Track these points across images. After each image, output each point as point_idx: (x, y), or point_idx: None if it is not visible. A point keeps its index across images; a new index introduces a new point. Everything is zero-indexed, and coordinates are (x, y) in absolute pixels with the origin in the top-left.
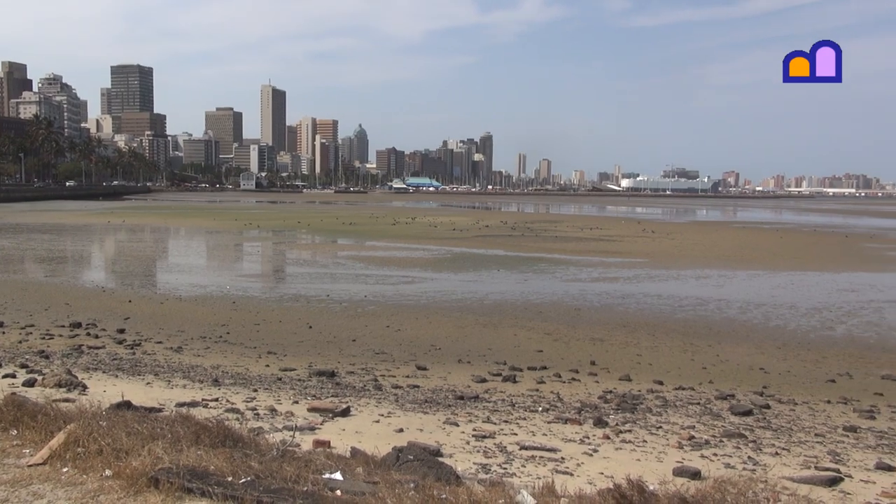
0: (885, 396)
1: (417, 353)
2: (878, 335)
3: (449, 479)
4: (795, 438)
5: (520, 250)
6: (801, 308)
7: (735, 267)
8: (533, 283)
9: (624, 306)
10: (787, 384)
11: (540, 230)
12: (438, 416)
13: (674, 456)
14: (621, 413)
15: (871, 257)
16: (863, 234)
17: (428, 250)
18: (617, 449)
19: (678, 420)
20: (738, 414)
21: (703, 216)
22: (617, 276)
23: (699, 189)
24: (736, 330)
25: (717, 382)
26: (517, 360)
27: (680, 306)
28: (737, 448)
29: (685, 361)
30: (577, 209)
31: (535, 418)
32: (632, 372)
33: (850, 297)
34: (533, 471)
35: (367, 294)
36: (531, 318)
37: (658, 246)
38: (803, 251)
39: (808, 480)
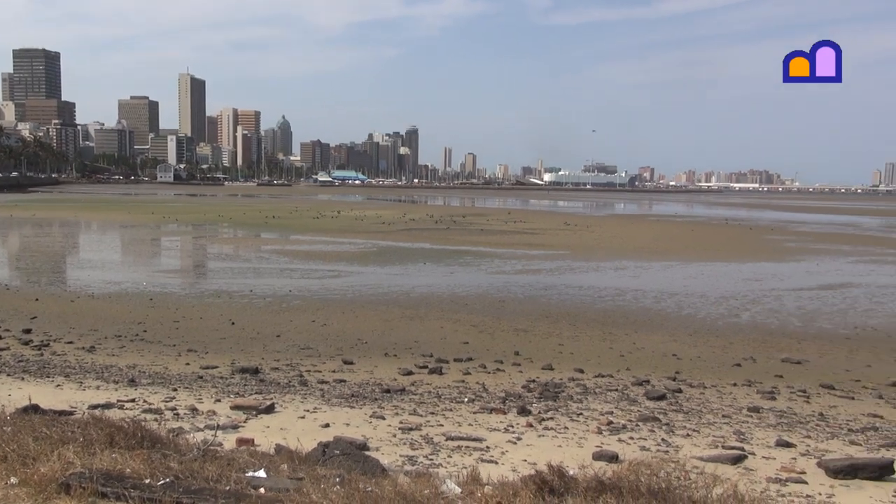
0: (784, 378)
1: (344, 347)
2: (779, 321)
3: (375, 472)
4: (705, 420)
5: (446, 243)
6: (711, 297)
7: (650, 258)
8: (459, 276)
9: (547, 297)
10: (697, 369)
11: (465, 223)
12: (365, 409)
13: (593, 441)
14: (544, 401)
15: (772, 248)
16: (765, 227)
17: (354, 244)
18: (540, 436)
19: (598, 406)
20: (653, 399)
21: (621, 210)
22: (540, 268)
23: (617, 183)
24: (651, 319)
25: (633, 369)
26: (443, 352)
27: (599, 297)
28: (652, 431)
29: (604, 350)
30: (502, 202)
31: (461, 409)
32: (554, 361)
33: (754, 285)
34: (459, 461)
35: (292, 289)
36: (457, 310)
37: (579, 238)
38: (713, 243)
39: (716, 459)
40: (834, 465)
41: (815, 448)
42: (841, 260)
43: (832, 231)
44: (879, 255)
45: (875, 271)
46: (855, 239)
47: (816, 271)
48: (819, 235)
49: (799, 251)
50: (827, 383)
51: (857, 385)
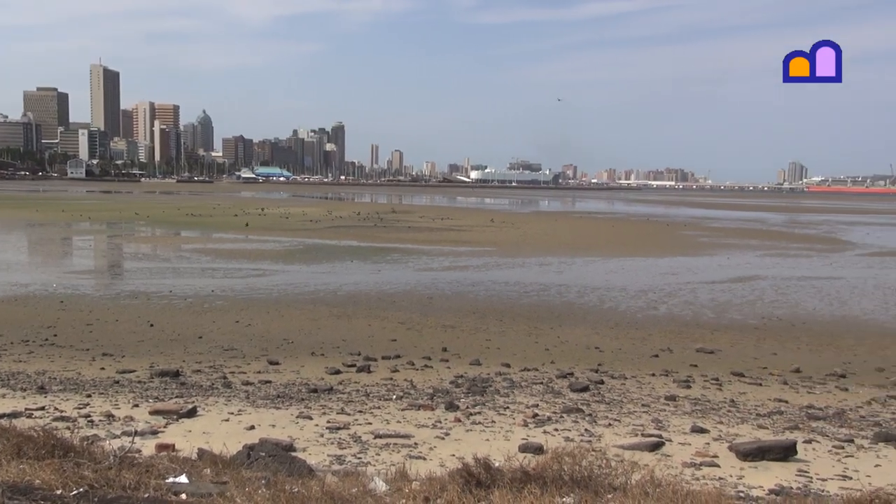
0: (699, 367)
1: (269, 347)
2: (694, 313)
3: (302, 472)
4: (625, 409)
5: (373, 241)
6: (631, 291)
7: (574, 254)
8: (386, 274)
9: (474, 294)
10: (618, 361)
11: (393, 221)
12: (292, 410)
13: (520, 433)
14: (471, 396)
15: (687, 244)
16: (680, 223)
17: (280, 242)
18: (468, 431)
19: (524, 399)
20: (576, 391)
21: (545, 207)
22: (467, 264)
23: (541, 181)
24: (574, 313)
25: (558, 362)
26: (371, 350)
27: (525, 292)
28: (575, 422)
29: (530, 344)
30: (429, 200)
31: (390, 406)
32: (481, 356)
33: (671, 279)
34: (387, 458)
35: (215, 288)
36: (385, 307)
37: (505, 235)
38: (632, 239)
39: (636, 447)
40: (743, 449)
41: (726, 433)
42: (749, 254)
43: (741, 227)
44: (783, 248)
45: (780, 264)
46: (762, 234)
47: (727, 265)
48: (729, 231)
49: (711, 246)
50: (737, 371)
51: (764, 372)
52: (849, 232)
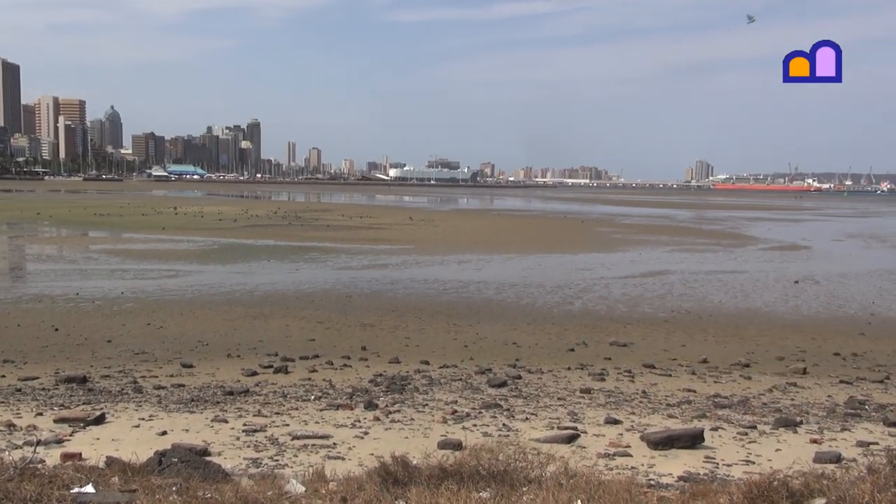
0: (613, 360)
1: (183, 350)
2: (608, 307)
3: (217, 477)
4: (542, 403)
5: (291, 240)
6: (547, 286)
7: (492, 251)
8: (304, 273)
9: (393, 292)
10: (535, 356)
11: (311, 219)
12: (206, 414)
13: (439, 430)
14: (391, 394)
15: (601, 240)
16: (595, 220)
17: (193, 242)
18: (387, 429)
19: (443, 396)
20: (494, 386)
21: (464, 204)
22: (386, 262)
23: (460, 179)
24: (493, 309)
25: (476, 359)
26: (289, 351)
27: (444, 290)
28: (493, 417)
29: (449, 341)
30: (348, 198)
31: (308, 407)
32: (401, 354)
33: (586, 275)
34: (305, 459)
35: (125, 290)
36: (303, 307)
37: (424, 233)
38: (549, 236)
39: (552, 440)
40: (654, 438)
41: (638, 423)
42: (659, 249)
43: (652, 223)
44: (691, 244)
45: (688, 259)
46: (671, 230)
47: (639, 260)
48: (641, 227)
49: (624, 242)
50: (649, 363)
51: (674, 363)
52: (751, 227)
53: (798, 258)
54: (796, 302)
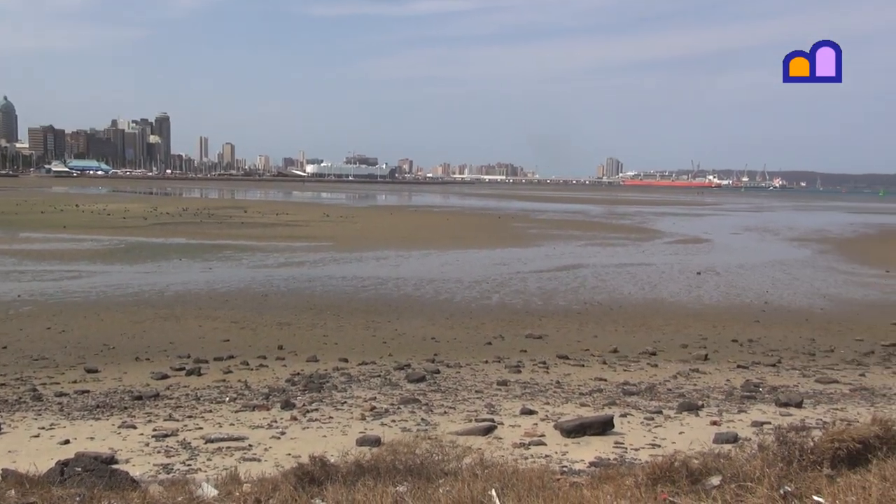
0: (528, 352)
1: (87, 354)
2: (524, 301)
3: (124, 485)
4: (460, 397)
5: (204, 238)
6: (465, 282)
7: (411, 248)
8: (218, 272)
9: (311, 289)
10: (453, 350)
11: (225, 216)
12: (113, 420)
13: (358, 427)
14: (309, 393)
15: (517, 235)
16: (511, 216)
17: (98, 241)
18: (304, 428)
19: (362, 393)
20: (413, 381)
21: (382, 201)
22: (303, 260)
23: (378, 175)
24: (412, 305)
25: (395, 355)
26: (202, 352)
27: (363, 286)
28: (412, 412)
29: (368, 338)
30: (264, 194)
31: (223, 409)
32: (319, 352)
33: (503, 269)
34: (220, 462)
35: (22, 293)
36: (217, 307)
37: (342, 230)
38: (467, 231)
39: (470, 432)
40: (567, 426)
41: (553, 412)
42: (573, 244)
43: (566, 218)
44: (603, 238)
45: (600, 253)
46: (584, 225)
47: (554, 255)
48: (556, 223)
49: (539, 237)
50: (563, 354)
51: (586, 354)
52: (658, 222)
53: (700, 251)
54: (699, 292)
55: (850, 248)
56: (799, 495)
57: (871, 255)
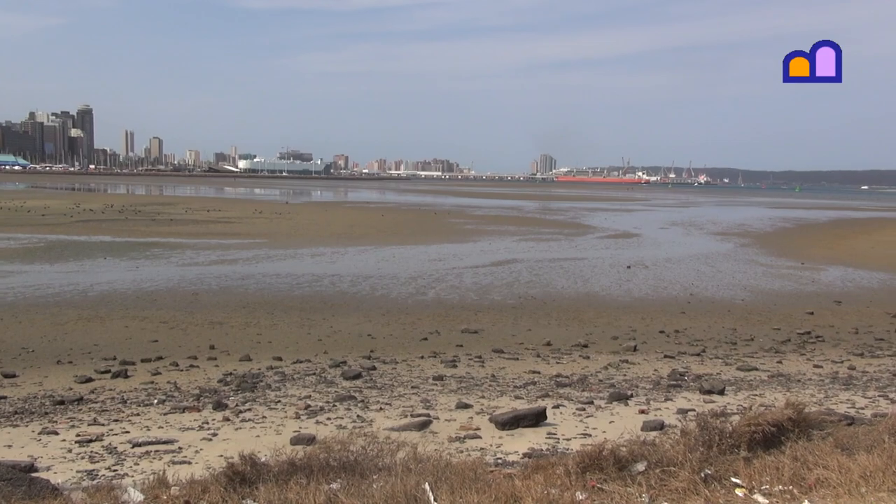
0: (464, 347)
1: (3, 358)
2: (459, 296)
3: (44, 493)
4: (396, 393)
5: (130, 235)
6: (402, 278)
7: (347, 244)
8: (146, 270)
9: (244, 287)
10: (390, 346)
11: (153, 213)
12: (32, 427)
13: (292, 426)
14: (241, 393)
15: (453, 231)
16: (447, 211)
17: (15, 239)
18: (237, 429)
19: (296, 392)
20: (349, 378)
21: (317, 197)
22: (236, 257)
23: (313, 171)
24: (347, 302)
25: (331, 352)
26: (129, 354)
27: (297, 284)
28: (348, 409)
29: (303, 336)
30: (194, 191)
31: (150, 412)
32: (252, 351)
33: (439, 265)
34: (147, 467)
35: None
36: (144, 307)
37: (276, 226)
38: (403, 227)
39: (405, 428)
40: (501, 419)
41: (488, 406)
42: (508, 239)
43: (501, 214)
44: (537, 233)
45: (534, 248)
46: (519, 221)
47: (489, 250)
48: (491, 218)
49: (475, 232)
50: (498, 348)
51: (521, 347)
52: (590, 217)
53: (630, 245)
54: (628, 285)
55: (769, 242)
56: (718, 477)
57: (788, 248)
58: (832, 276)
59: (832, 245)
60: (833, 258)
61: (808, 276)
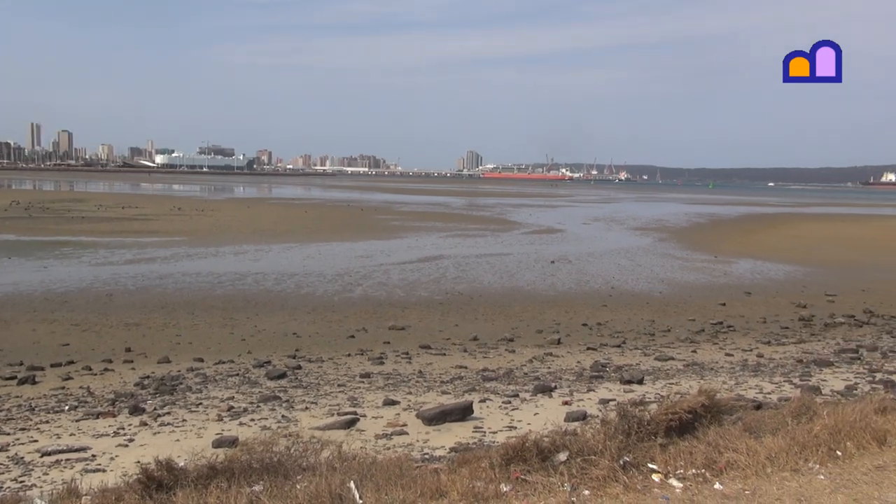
0: (391, 344)
1: None
2: (387, 292)
3: None
4: (322, 391)
5: (38, 234)
6: (328, 275)
7: (271, 241)
8: (55, 271)
9: (162, 287)
10: (316, 344)
11: (63, 210)
12: None
13: (214, 429)
14: (160, 396)
15: (380, 227)
16: (374, 208)
17: None
18: (155, 434)
19: (218, 394)
20: (273, 378)
21: (240, 193)
22: (154, 256)
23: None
24: (272, 300)
25: (255, 352)
26: (37, 359)
27: (219, 282)
28: (272, 410)
29: (225, 336)
30: (108, 186)
31: (62, 419)
32: (171, 353)
33: (366, 262)
34: (58, 476)
35: None
36: (54, 309)
37: (197, 223)
38: (329, 224)
39: (331, 426)
40: (428, 414)
41: (415, 402)
42: (435, 235)
43: (428, 210)
44: (464, 229)
45: (461, 244)
46: (446, 217)
47: (416, 246)
48: (418, 214)
49: (402, 229)
50: (425, 344)
51: (448, 342)
52: (515, 213)
53: (554, 240)
54: (553, 280)
55: (685, 237)
56: (636, 464)
57: (702, 242)
58: (743, 268)
59: (742, 239)
60: (743, 252)
61: (721, 268)
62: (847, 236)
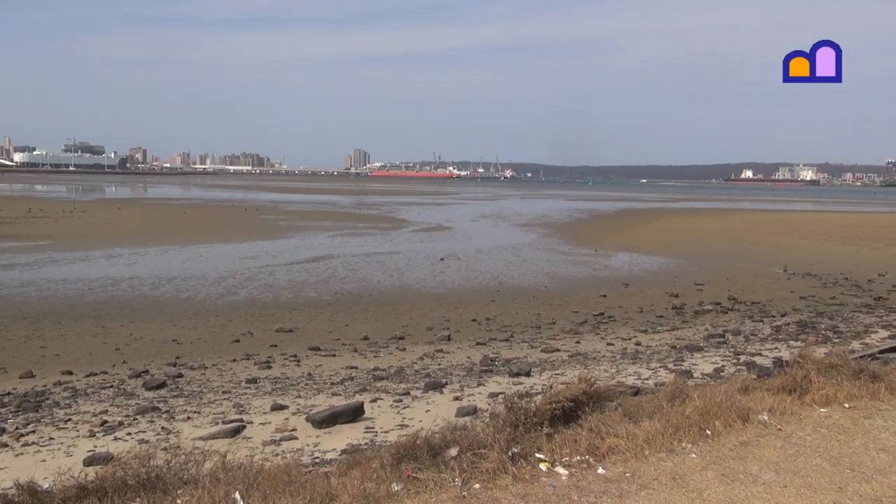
0: (279, 347)
1: None
2: (273, 294)
3: None
4: (206, 399)
5: None
6: (210, 278)
7: (147, 244)
8: None
9: (24, 296)
10: (198, 351)
11: None
12: None
13: (86, 446)
14: (23, 415)
15: (266, 227)
16: (259, 208)
17: None
18: (18, 455)
19: (90, 408)
20: (151, 388)
21: (112, 193)
22: (13, 262)
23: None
24: (149, 306)
25: (130, 361)
26: None
27: (90, 289)
28: (151, 422)
29: (97, 346)
30: None
31: None
32: (35, 367)
33: (251, 263)
34: None
35: None
36: None
37: (63, 226)
38: (211, 224)
39: (216, 435)
40: (319, 417)
41: (304, 405)
42: (323, 235)
43: (315, 209)
44: (352, 228)
45: (350, 243)
46: (334, 216)
47: (304, 246)
48: (305, 214)
49: (289, 229)
50: (314, 346)
51: (337, 343)
52: (404, 211)
53: (443, 238)
54: (442, 277)
55: (568, 232)
56: (524, 455)
57: (584, 237)
58: (621, 261)
59: (620, 233)
60: (621, 245)
61: (601, 262)
62: (713, 229)
